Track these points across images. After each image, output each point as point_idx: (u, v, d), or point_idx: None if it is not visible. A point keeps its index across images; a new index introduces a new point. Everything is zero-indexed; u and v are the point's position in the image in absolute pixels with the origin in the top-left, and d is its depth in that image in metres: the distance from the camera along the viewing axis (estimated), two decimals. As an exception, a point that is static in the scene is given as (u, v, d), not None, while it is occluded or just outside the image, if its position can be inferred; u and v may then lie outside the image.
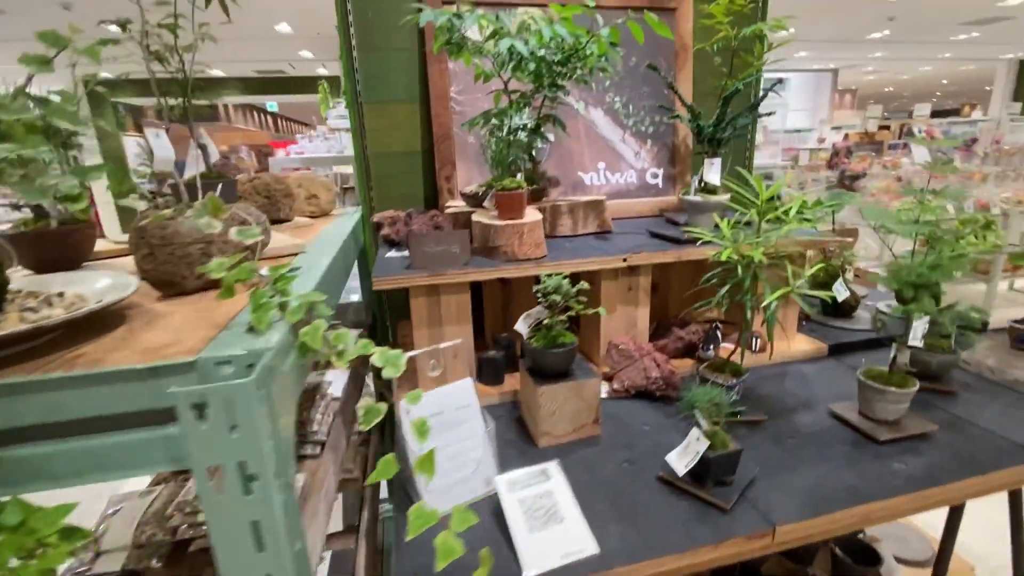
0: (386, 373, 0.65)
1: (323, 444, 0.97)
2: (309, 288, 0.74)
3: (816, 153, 6.68)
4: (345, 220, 1.56)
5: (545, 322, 1.02)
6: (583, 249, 1.28)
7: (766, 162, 5.37)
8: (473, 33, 1.23)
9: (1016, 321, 1.32)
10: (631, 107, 1.74)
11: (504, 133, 1.38)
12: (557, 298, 0.97)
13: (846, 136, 4.77)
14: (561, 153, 1.72)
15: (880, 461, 0.94)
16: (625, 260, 1.21)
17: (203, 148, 1.17)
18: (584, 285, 1.00)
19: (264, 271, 0.87)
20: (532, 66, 1.18)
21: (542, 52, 1.18)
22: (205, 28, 1.07)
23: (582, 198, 1.50)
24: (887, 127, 7.33)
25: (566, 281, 1.01)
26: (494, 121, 1.33)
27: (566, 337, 1.02)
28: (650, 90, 1.75)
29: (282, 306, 0.60)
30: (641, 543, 0.78)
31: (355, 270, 1.64)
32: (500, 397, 1.22)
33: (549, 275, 1.02)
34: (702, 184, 1.34)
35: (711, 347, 1.30)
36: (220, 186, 1.03)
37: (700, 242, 1.05)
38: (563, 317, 1.01)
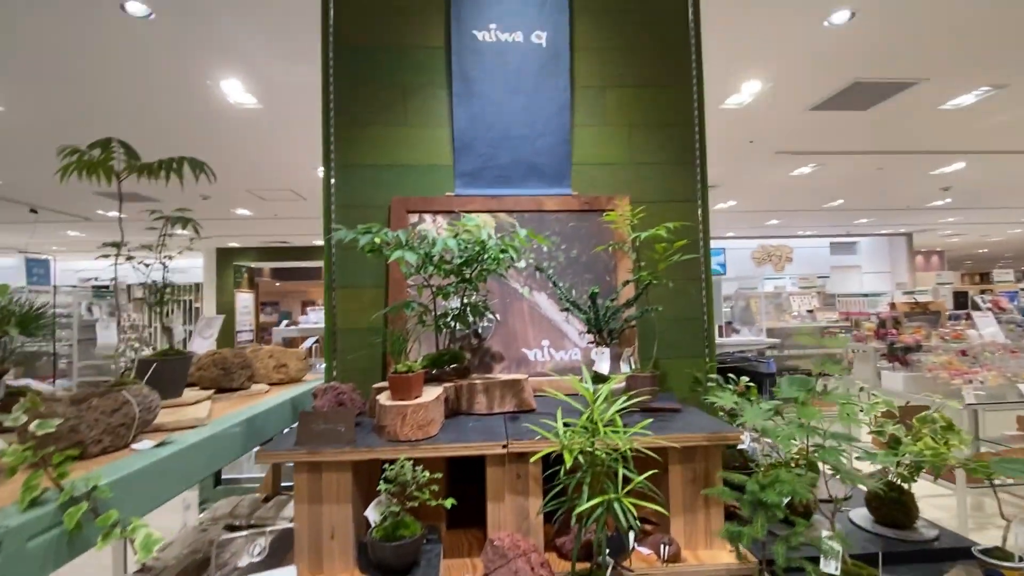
0: (139, 557, 0.72)
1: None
2: (125, 472, 0.87)
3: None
4: (297, 390, 1.74)
5: (385, 511, 1.04)
6: (476, 432, 1.31)
7: (755, 339, 5.14)
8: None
9: (983, 551, 1.09)
10: (574, 292, 1.88)
11: (432, 319, 1.56)
12: (387, 487, 1.00)
13: (892, 305, 4.49)
14: (506, 331, 1.85)
15: None
16: (505, 447, 1.23)
17: (168, 330, 1.45)
18: (426, 474, 1.03)
19: (144, 444, 1.01)
20: (431, 269, 1.39)
21: (444, 256, 1.40)
22: (185, 245, 1.41)
23: (501, 376, 1.57)
24: (964, 292, 6.80)
25: (415, 469, 1.05)
26: (417, 308, 1.52)
27: (408, 529, 1.02)
28: (592, 277, 1.90)
29: (69, 490, 0.72)
30: None
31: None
32: (372, 587, 1.17)
33: (406, 460, 1.07)
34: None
35: (608, 551, 1.19)
36: (152, 364, 1.26)
37: (538, 437, 1.06)
38: (397, 507, 1.03)
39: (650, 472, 0.98)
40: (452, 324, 1.59)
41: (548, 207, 1.93)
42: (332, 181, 1.91)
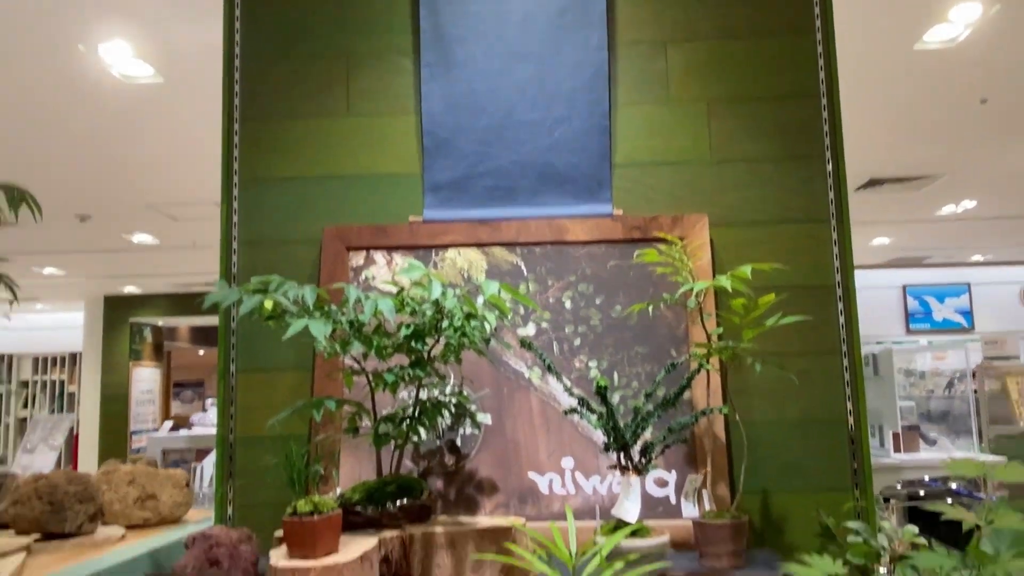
0: None
1: None
2: None
3: None
4: (169, 536, 1.89)
5: None
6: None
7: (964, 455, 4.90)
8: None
9: None
10: (616, 376, 1.95)
11: (369, 423, 1.68)
12: None
13: None
14: (503, 443, 1.93)
15: None
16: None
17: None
18: None
19: None
20: (356, 346, 1.51)
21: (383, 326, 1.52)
22: None
23: (478, 522, 1.64)
24: None
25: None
26: (340, 409, 1.64)
27: None
28: (648, 351, 1.96)
29: None
30: None
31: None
32: None
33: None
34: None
35: None
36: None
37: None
38: None
39: None
40: (405, 432, 1.69)
41: (573, 236, 2.03)
42: (234, 206, 2.11)
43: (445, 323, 1.54)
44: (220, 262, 2.10)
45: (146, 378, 14.00)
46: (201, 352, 17.44)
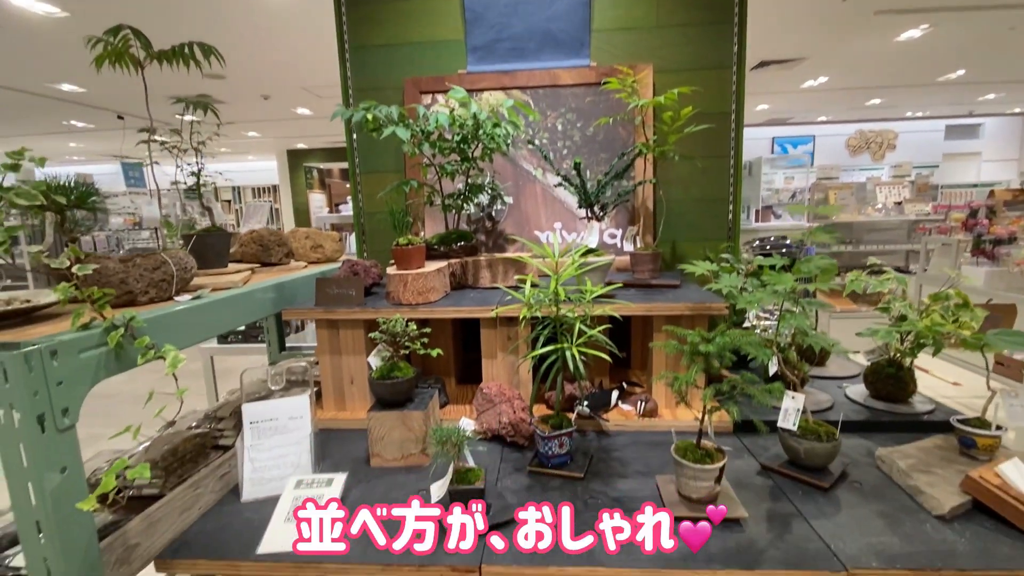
0: (167, 371, 0.91)
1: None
2: (163, 313, 1.05)
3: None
4: (331, 267, 1.92)
5: (383, 356, 1.19)
6: (473, 300, 1.41)
7: (791, 223, 4.72)
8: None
9: (963, 420, 1.08)
10: (588, 172, 1.84)
11: (439, 200, 1.62)
12: (379, 335, 1.14)
13: (991, 193, 3.92)
14: (519, 214, 1.88)
15: (649, 535, 0.90)
16: (495, 310, 1.32)
17: (209, 210, 1.62)
18: (414, 327, 1.16)
19: (184, 297, 1.21)
20: (426, 147, 1.41)
21: (442, 134, 1.41)
22: (211, 136, 1.52)
23: (503, 254, 1.64)
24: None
25: (409, 325, 1.18)
26: (417, 188, 1.58)
27: (401, 371, 1.18)
28: (607, 156, 1.83)
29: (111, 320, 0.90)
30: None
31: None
32: (384, 423, 1.39)
33: (396, 319, 1.20)
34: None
35: (586, 403, 1.31)
36: (193, 238, 1.44)
37: (508, 297, 1.13)
38: (387, 352, 1.18)
39: (602, 327, 1.04)
40: (460, 204, 1.64)
41: (563, 81, 1.83)
42: (347, 64, 1.91)
43: (481, 131, 1.43)
44: (342, 100, 1.95)
45: (317, 199, 13.93)
46: (348, 185, 17.25)
